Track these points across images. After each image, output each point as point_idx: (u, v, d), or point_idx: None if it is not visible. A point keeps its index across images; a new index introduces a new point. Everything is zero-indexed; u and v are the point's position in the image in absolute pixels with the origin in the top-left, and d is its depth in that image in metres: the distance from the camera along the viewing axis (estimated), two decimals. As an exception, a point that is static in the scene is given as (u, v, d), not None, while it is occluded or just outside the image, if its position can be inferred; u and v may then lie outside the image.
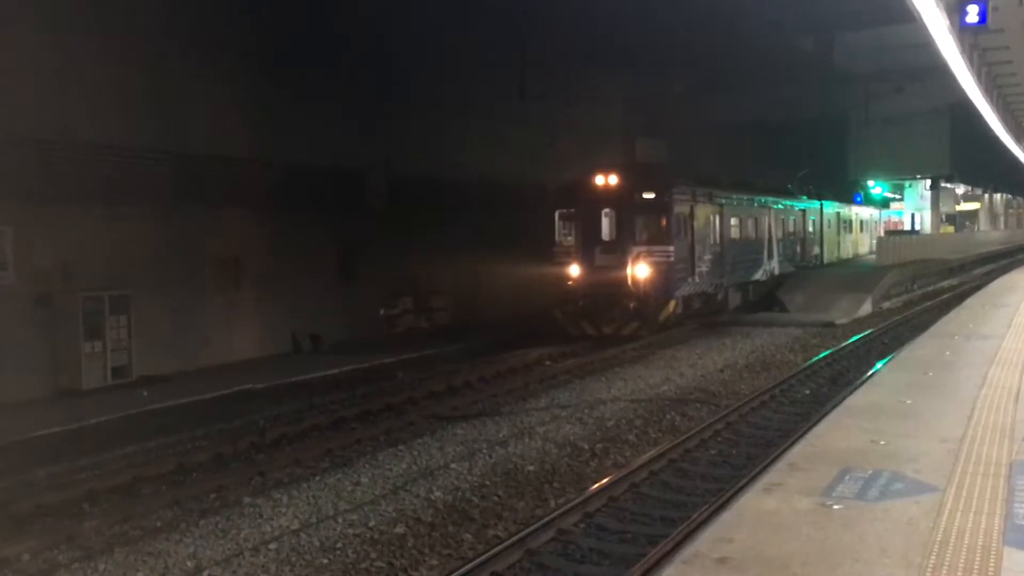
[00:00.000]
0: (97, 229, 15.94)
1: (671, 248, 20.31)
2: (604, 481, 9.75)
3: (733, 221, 24.63)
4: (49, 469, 10.83)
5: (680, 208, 20.87)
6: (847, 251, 39.75)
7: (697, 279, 21.72)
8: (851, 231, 41.01)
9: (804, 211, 32.30)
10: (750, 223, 26.05)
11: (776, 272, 28.18)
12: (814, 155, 37.90)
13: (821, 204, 34.67)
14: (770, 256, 27.61)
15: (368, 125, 21.39)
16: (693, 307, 22.38)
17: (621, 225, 20.46)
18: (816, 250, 34.01)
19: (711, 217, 22.90)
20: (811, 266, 32.54)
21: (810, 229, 33.16)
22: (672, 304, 20.57)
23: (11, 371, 14.65)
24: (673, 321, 21.09)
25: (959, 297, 27.12)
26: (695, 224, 21.44)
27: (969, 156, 42.76)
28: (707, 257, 22.33)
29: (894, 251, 35.83)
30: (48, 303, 15.38)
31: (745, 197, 25.93)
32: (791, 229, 30.54)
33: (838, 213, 37.79)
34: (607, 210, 20.57)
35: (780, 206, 29.21)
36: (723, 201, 23.70)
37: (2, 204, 14.54)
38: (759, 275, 26.74)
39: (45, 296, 15.32)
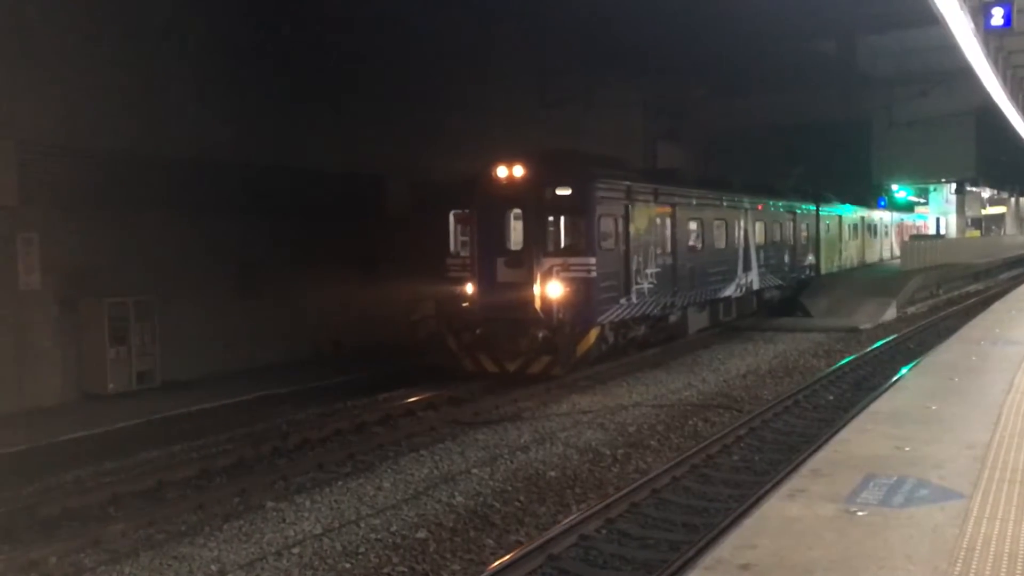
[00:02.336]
0: (122, 234, 16.09)
1: (592, 260, 15.67)
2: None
3: (692, 225, 20.32)
4: (75, 473, 10.94)
5: (608, 207, 16.32)
6: (850, 259, 35.27)
7: (635, 299, 16.99)
8: (856, 236, 36.58)
9: (795, 214, 27.81)
10: (717, 227, 21.71)
11: (756, 286, 24.07)
12: (838, 159, 37.61)
13: (817, 206, 30.28)
14: (747, 267, 23.28)
15: (385, 130, 21.18)
16: (630, 335, 17.83)
17: (529, 230, 15.96)
18: (810, 259, 29.52)
19: (658, 220, 18.26)
20: (803, 278, 28.51)
21: (803, 234, 28.71)
22: (594, 333, 15.86)
23: (37, 375, 14.83)
24: (597, 354, 16.52)
25: (985, 302, 26.86)
26: (633, 228, 16.85)
27: (995, 159, 42.32)
28: (651, 270, 17.62)
29: (919, 255, 35.52)
30: (74, 308, 15.55)
31: (710, 195, 21.27)
32: (776, 234, 26.07)
33: (840, 216, 33.38)
34: (512, 211, 16.25)
35: (761, 207, 24.81)
36: (677, 200, 19.06)
37: (30, 210, 14.72)
38: (731, 290, 22.34)
39: (71, 301, 15.49)
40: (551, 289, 15.47)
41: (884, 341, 20.87)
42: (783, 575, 4.61)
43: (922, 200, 54.47)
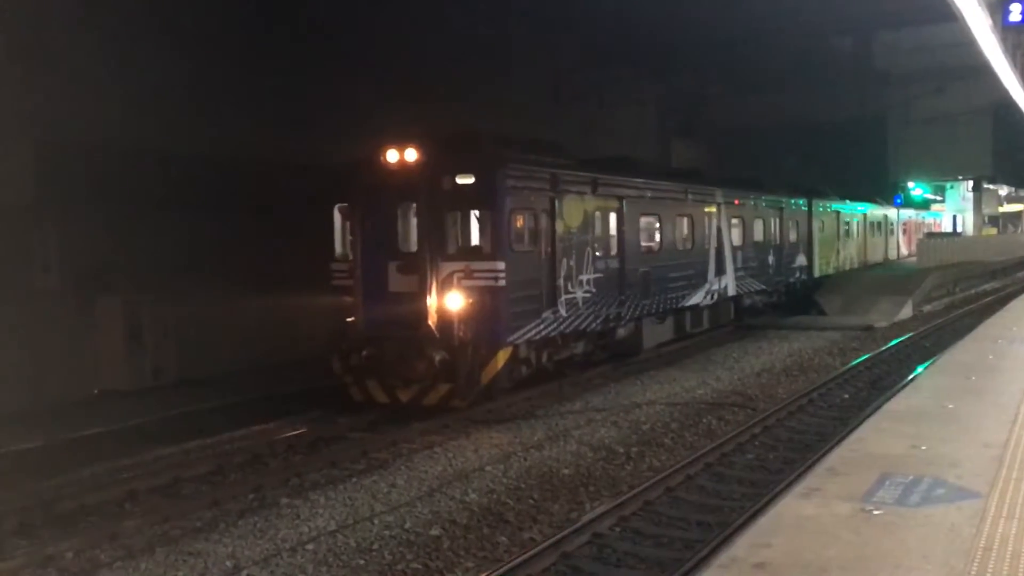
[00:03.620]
0: (138, 232, 16.16)
1: (500, 265, 12.89)
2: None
3: (647, 222, 17.64)
4: (92, 469, 11.01)
5: (525, 200, 13.56)
6: (849, 260, 32.03)
7: (565, 311, 14.26)
8: (856, 235, 33.44)
9: (782, 210, 24.91)
10: (681, 225, 19.05)
11: (732, 292, 21.46)
12: (854, 156, 37.42)
13: (810, 201, 27.17)
14: (720, 270, 20.60)
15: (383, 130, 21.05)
16: (562, 354, 15.17)
17: (424, 228, 13.22)
18: (800, 260, 26.54)
19: (599, 216, 15.56)
20: (792, 281, 26.03)
21: (792, 233, 25.74)
22: (504, 355, 13.22)
23: (54, 372, 14.93)
24: (513, 380, 13.96)
25: (1002, 300, 26.70)
26: (562, 226, 14.18)
27: (1012, 157, 42.06)
28: (588, 276, 14.93)
29: (935, 253, 35.33)
30: (90, 305, 15.65)
31: (671, 187, 18.53)
32: (759, 233, 23.35)
33: (837, 213, 30.30)
34: (405, 204, 13.57)
35: (739, 202, 22.03)
36: (626, 192, 16.34)
37: (47, 208, 14.82)
38: (699, 298, 19.59)
39: (88, 298, 15.59)
40: (450, 301, 12.82)
41: (900, 340, 20.74)
42: (798, 574, 4.60)
43: (939, 198, 54.11)
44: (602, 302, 15.52)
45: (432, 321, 12.87)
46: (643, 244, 17.46)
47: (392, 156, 13.33)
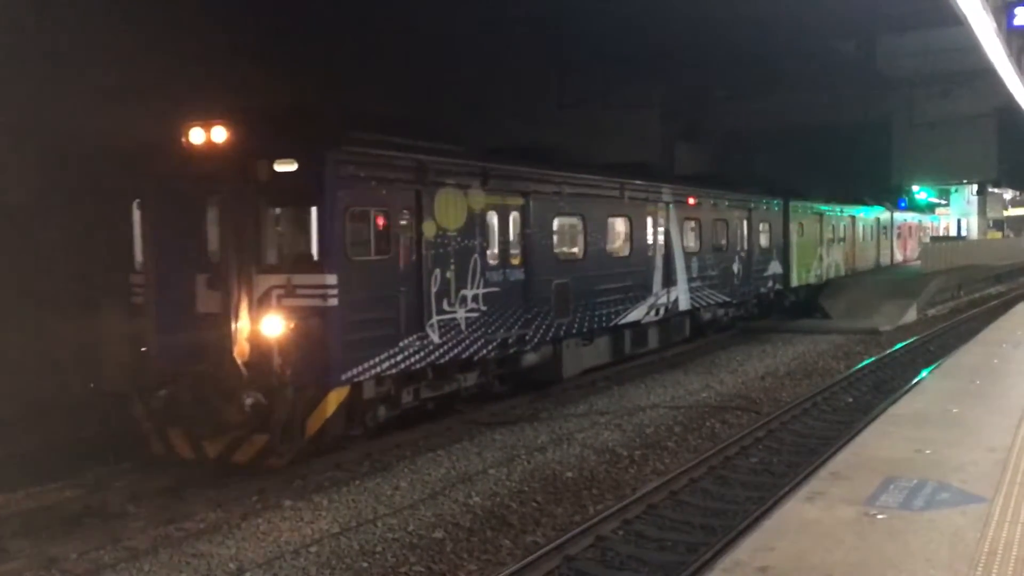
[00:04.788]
0: None
1: (331, 279, 10.11)
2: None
3: (564, 223, 15.13)
4: (95, 471, 11.00)
5: (370, 192, 10.68)
6: (835, 267, 29.59)
7: (438, 336, 11.61)
8: (843, 239, 30.82)
9: (750, 211, 22.30)
10: (615, 228, 16.73)
11: (684, 306, 18.83)
12: (858, 160, 37.40)
13: (785, 202, 24.80)
14: (669, 281, 18.01)
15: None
16: (443, 389, 12.41)
17: (229, 230, 10.38)
18: (774, 268, 24.02)
19: (491, 215, 12.96)
20: (763, 292, 23.60)
21: (763, 238, 23.26)
22: (337, 397, 10.31)
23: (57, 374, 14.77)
24: (349, 429, 11.01)
25: (1007, 304, 26.68)
26: (432, 227, 11.52)
27: (1017, 160, 41.96)
28: (475, 291, 12.37)
29: (939, 257, 35.29)
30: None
31: (599, 183, 15.84)
32: (720, 237, 20.83)
33: (820, 215, 27.82)
34: (214, 200, 10.63)
35: (695, 201, 19.40)
36: (532, 188, 13.75)
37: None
38: (640, 313, 17.03)
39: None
40: (267, 326, 9.99)
41: (904, 343, 20.72)
42: (802, 578, 4.59)
43: (943, 202, 54.06)
44: (497, 323, 12.83)
45: (241, 353, 10.00)
46: (559, 251, 14.93)
47: (197, 136, 10.35)
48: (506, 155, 13.80)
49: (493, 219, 13.13)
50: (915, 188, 45.26)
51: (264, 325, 10.08)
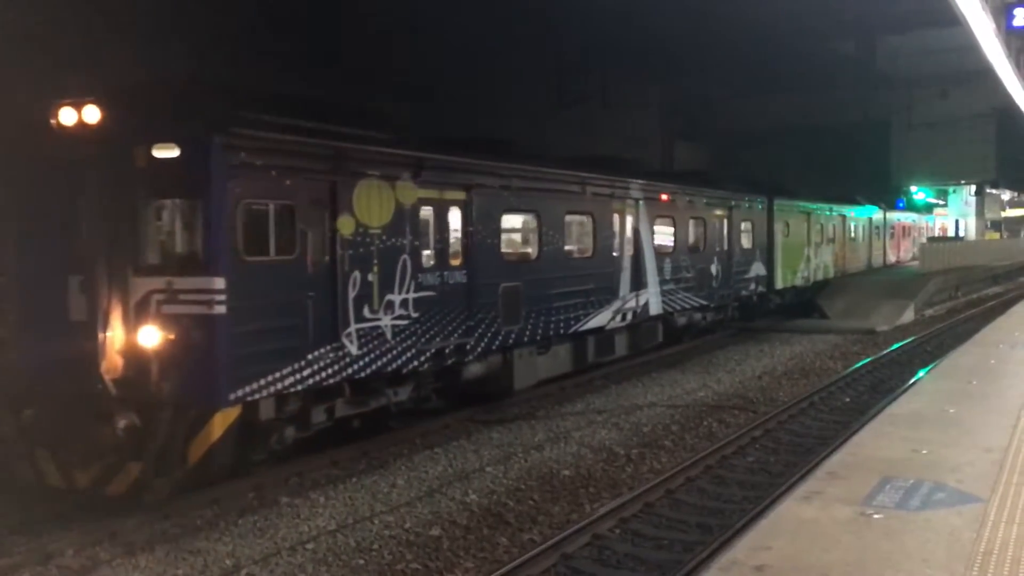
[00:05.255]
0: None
1: (218, 282, 8.87)
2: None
3: (515, 221, 14.03)
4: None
5: (270, 183, 9.43)
6: (823, 269, 28.46)
7: (357, 347, 10.37)
8: (832, 240, 29.54)
9: (730, 209, 21.20)
10: (576, 226, 15.46)
11: (656, 310, 17.63)
12: (857, 160, 37.42)
13: (770, 200, 23.77)
14: (638, 283, 16.81)
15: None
16: (367, 405, 11.12)
17: (97, 225, 9.15)
18: (756, 270, 22.93)
19: (425, 210, 11.65)
20: (745, 294, 22.52)
21: (744, 238, 22.20)
22: (225, 419, 9.07)
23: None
24: (243, 455, 9.67)
25: (1004, 304, 26.70)
26: (350, 223, 10.28)
27: (1015, 161, 42.03)
28: (405, 296, 11.13)
29: (937, 257, 35.34)
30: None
31: (554, 176, 14.47)
32: (697, 238, 19.71)
33: (808, 215, 26.64)
34: (86, 190, 9.16)
35: (668, 198, 18.21)
36: (475, 181, 12.47)
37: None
38: (605, 319, 15.80)
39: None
40: (144, 336, 8.82)
41: (902, 344, 20.74)
42: (798, 577, 4.60)
43: (941, 202, 54.12)
44: (432, 331, 11.62)
45: (111, 368, 8.83)
46: (509, 251, 13.68)
47: (67, 117, 9.11)
48: (445, 144, 12.36)
49: (428, 215, 11.75)
50: (913, 188, 45.33)
51: (141, 335, 8.83)
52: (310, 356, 9.78)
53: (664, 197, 18.01)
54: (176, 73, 11.21)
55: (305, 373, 9.75)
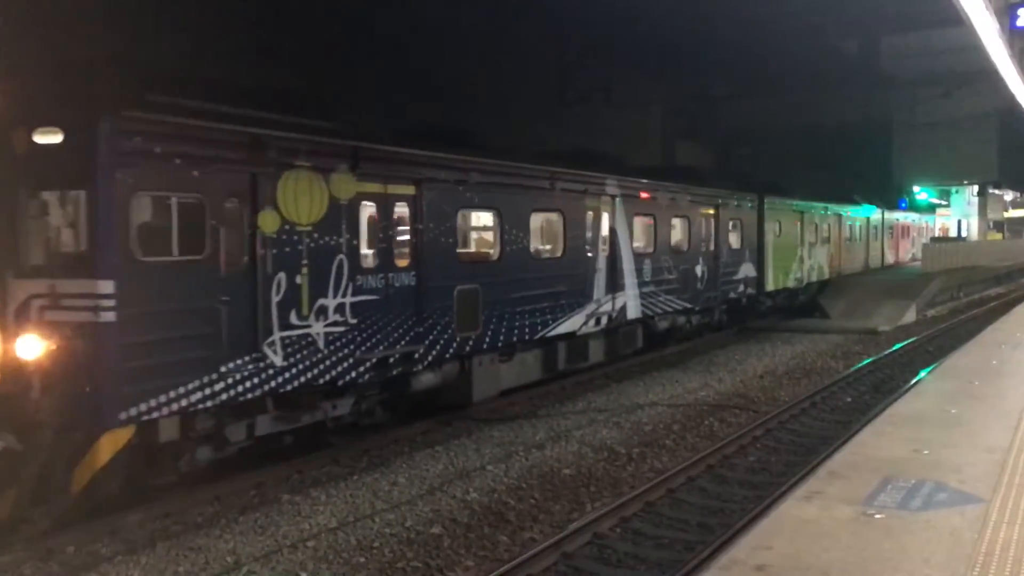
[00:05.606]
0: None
1: (106, 285, 7.93)
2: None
3: (471, 218, 13.79)
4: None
5: (171, 174, 8.44)
6: (818, 270, 27.50)
7: (282, 357, 9.45)
8: (826, 240, 28.60)
9: (717, 207, 20.27)
10: (543, 225, 14.83)
11: (634, 313, 16.57)
12: (859, 160, 37.36)
13: (760, 198, 23.05)
14: (614, 286, 15.79)
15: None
16: (299, 421, 10.21)
17: None
18: (745, 271, 21.96)
19: (366, 206, 10.73)
20: (733, 297, 21.51)
21: (733, 237, 21.31)
22: (113, 442, 8.14)
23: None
24: (119, 484, 8.45)
25: (1007, 305, 26.70)
26: (274, 219, 9.39)
27: (1018, 162, 42.02)
28: (340, 300, 10.17)
29: (939, 258, 35.31)
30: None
31: (517, 170, 13.44)
32: (681, 237, 18.89)
33: (800, 214, 25.86)
34: None
35: (649, 195, 17.21)
36: (425, 175, 11.42)
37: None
38: (577, 323, 14.77)
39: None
40: (24, 347, 7.98)
41: (903, 344, 20.72)
42: (799, 577, 4.60)
43: (944, 202, 54.07)
44: (374, 338, 10.58)
45: None
46: (465, 251, 13.07)
47: None
48: (392, 134, 11.43)
49: (368, 211, 10.78)
50: (916, 189, 45.30)
51: (20, 346, 7.83)
52: (224, 368, 8.76)
53: (644, 195, 17.06)
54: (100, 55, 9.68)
55: (218, 388, 8.73)
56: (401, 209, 11.15)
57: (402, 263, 11.14)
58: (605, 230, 15.64)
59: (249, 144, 9.08)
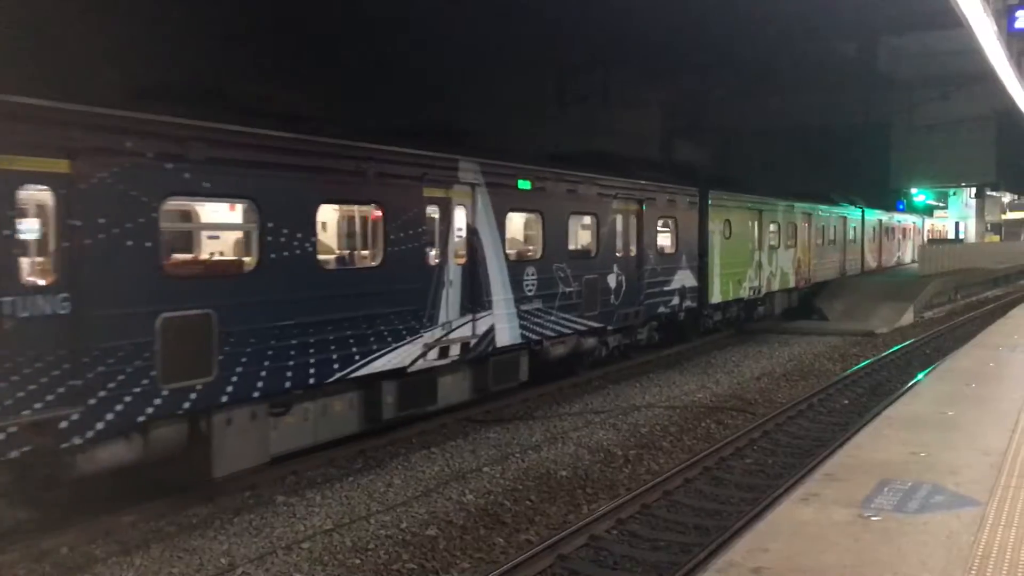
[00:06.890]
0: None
1: None
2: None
3: (192, 215, 9.91)
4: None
5: None
6: (781, 277, 24.39)
7: None
8: (796, 244, 25.70)
9: (640, 203, 16.82)
10: (336, 221, 11.75)
11: (508, 338, 13.19)
12: (857, 161, 37.36)
13: (703, 193, 19.82)
14: (476, 304, 12.47)
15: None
16: None
17: None
18: (681, 280, 18.60)
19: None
20: (663, 312, 18.04)
21: (663, 239, 18.24)
22: None
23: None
24: None
25: (1004, 307, 26.68)
26: None
27: (1016, 164, 42.02)
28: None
29: (937, 260, 35.33)
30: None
31: (286, 144, 9.60)
32: (583, 239, 15.97)
33: (758, 213, 22.95)
34: None
35: (541, 185, 13.98)
36: (86, 141, 7.63)
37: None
38: (410, 355, 11.34)
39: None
40: None
41: (901, 346, 20.72)
42: (795, 580, 4.57)
43: (941, 204, 54.12)
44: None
45: None
46: (183, 260, 9.60)
47: None
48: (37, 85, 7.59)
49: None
50: (914, 190, 45.32)
51: None
52: None
53: (523, 185, 13.58)
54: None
55: None
56: (40, 198, 7.56)
57: (43, 281, 7.60)
58: (459, 230, 12.22)
59: None
